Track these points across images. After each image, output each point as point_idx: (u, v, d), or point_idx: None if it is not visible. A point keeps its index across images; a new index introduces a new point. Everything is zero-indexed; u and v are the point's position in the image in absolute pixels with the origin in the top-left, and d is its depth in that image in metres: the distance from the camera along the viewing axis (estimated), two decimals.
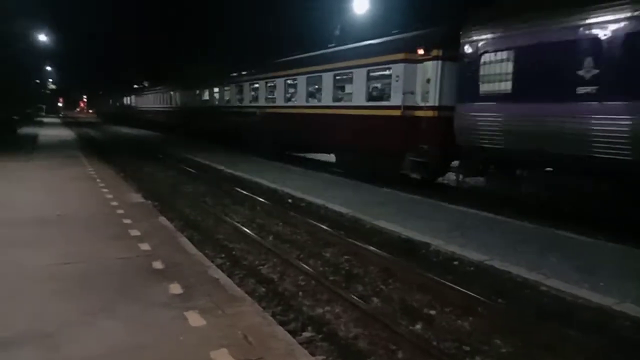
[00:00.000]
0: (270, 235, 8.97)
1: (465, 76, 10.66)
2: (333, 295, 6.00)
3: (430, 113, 11.64)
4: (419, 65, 11.97)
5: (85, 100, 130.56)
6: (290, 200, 11.50)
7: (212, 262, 6.66)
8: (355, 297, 5.84)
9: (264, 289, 6.20)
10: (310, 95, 16.70)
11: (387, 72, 12.96)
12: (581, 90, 8.31)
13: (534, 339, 5.02)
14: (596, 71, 8.14)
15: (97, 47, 77.20)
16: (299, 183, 13.12)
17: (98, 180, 12.78)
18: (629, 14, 7.67)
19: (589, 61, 8.22)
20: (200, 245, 7.76)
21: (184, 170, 17.60)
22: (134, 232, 7.60)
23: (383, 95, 13.29)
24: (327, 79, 15.39)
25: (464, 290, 5.95)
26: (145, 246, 6.87)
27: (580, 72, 8.31)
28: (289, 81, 17.98)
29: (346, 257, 7.64)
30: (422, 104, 11.84)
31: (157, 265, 6.07)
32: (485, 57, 10.14)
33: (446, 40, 11.25)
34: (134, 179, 14.53)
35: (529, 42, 9.25)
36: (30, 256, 6.19)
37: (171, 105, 36.01)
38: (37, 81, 60.64)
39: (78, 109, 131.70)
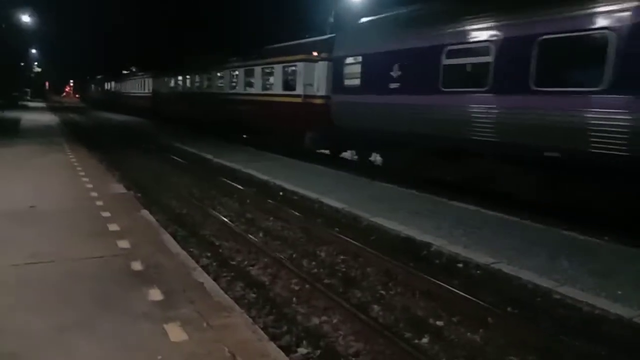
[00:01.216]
0: (260, 231, 8.42)
1: (336, 73, 13.99)
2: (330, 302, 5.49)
3: (320, 100, 14.98)
4: (315, 64, 15.32)
5: (71, 85, 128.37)
6: (281, 193, 10.96)
7: (197, 262, 6.11)
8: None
9: (254, 295, 5.63)
10: (248, 84, 19.84)
11: (294, 68, 16.21)
12: (392, 85, 11.67)
13: None
14: (399, 73, 11.48)
15: (85, 31, 75.27)
16: (285, 174, 12.58)
17: (79, 168, 12.15)
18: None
19: (395, 68, 11.54)
20: (184, 243, 7.22)
21: (169, 158, 16.95)
22: (113, 227, 7.03)
23: (292, 86, 16.33)
24: (258, 71, 18.79)
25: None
26: (124, 243, 6.31)
27: (393, 74, 11.61)
28: (233, 72, 21.35)
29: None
30: (317, 94, 15.15)
31: (136, 266, 5.51)
32: (347, 60, 13.53)
33: (331, 46, 14.52)
34: (116, 168, 13.87)
35: (369, 51, 12.60)
36: None
37: (144, 91, 38.55)
38: (22, 64, 59.10)
39: (64, 94, 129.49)
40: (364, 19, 14.11)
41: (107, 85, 58.42)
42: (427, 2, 12.05)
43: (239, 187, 11.74)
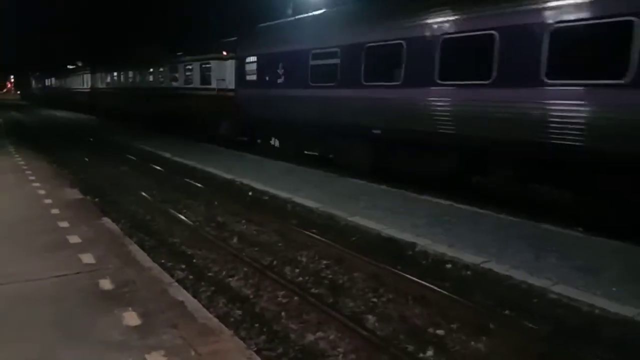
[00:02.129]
0: (234, 236, 7.91)
1: (239, 70, 16.45)
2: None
3: (231, 93, 17.20)
4: (225, 62, 17.80)
5: (12, 81, 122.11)
6: (250, 193, 10.46)
7: (172, 276, 5.60)
8: None
9: (239, 311, 5.17)
10: (173, 79, 22.51)
11: (209, 66, 19.04)
12: (278, 81, 14.21)
13: None
14: (283, 71, 14.02)
15: (26, 23, 70.64)
16: (253, 173, 12.08)
17: (29, 172, 11.27)
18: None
19: (280, 66, 14.12)
20: (154, 254, 6.63)
21: (123, 157, 16.09)
22: (73, 239, 6.39)
23: (209, 80, 18.99)
24: (181, 68, 21.66)
25: None
26: (88, 258, 5.71)
27: (279, 71, 14.14)
28: (161, 69, 24.23)
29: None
30: (228, 87, 17.47)
31: (105, 284, 4.96)
32: (247, 59, 15.99)
33: (236, 47, 17.02)
34: (69, 170, 12.98)
35: (263, 52, 15.15)
36: None
37: (83, 86, 39.59)
38: None
39: (5, 90, 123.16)
40: (261, 25, 16.79)
41: (47, 82, 57.05)
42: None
43: (203, 187, 11.18)
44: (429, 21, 9.66)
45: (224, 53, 17.85)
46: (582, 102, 7.43)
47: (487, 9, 8.67)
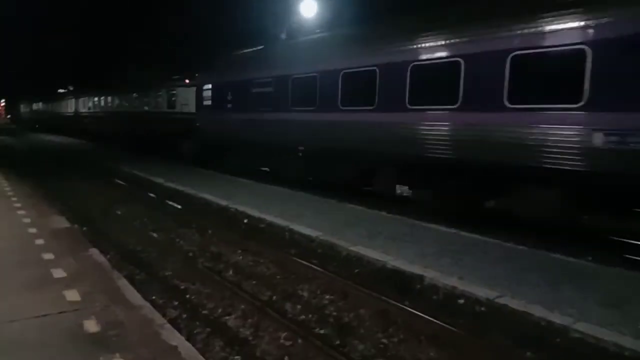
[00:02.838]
0: (229, 268, 7.45)
1: (198, 96, 18.63)
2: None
3: (192, 116, 19.23)
4: (188, 89, 20.00)
5: (3, 105, 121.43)
6: (246, 220, 10.03)
7: (164, 315, 5.15)
8: None
9: (238, 357, 4.71)
10: (145, 104, 25.35)
11: (174, 92, 21.73)
12: (229, 106, 16.38)
13: None
14: (231, 97, 16.24)
15: (20, 50, 69.87)
16: (248, 198, 11.66)
17: (14, 199, 10.82)
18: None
19: (229, 93, 16.32)
20: (144, 289, 6.16)
21: (114, 183, 15.63)
22: (58, 273, 5.96)
23: (174, 105, 21.64)
24: (153, 94, 24.30)
25: None
26: (72, 295, 5.28)
27: (229, 98, 16.39)
28: (134, 95, 27.49)
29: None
30: (191, 111, 19.46)
31: (91, 326, 4.52)
32: (204, 87, 18.13)
33: (196, 76, 19.22)
34: (56, 197, 12.49)
35: (215, 81, 17.46)
36: None
37: (69, 110, 42.35)
38: None
39: None
40: (216, 58, 18.73)
41: (34, 106, 57.85)
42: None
43: (196, 214, 10.75)
44: (333, 60, 12.16)
45: (187, 81, 20.37)
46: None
47: (369, 52, 11.13)
